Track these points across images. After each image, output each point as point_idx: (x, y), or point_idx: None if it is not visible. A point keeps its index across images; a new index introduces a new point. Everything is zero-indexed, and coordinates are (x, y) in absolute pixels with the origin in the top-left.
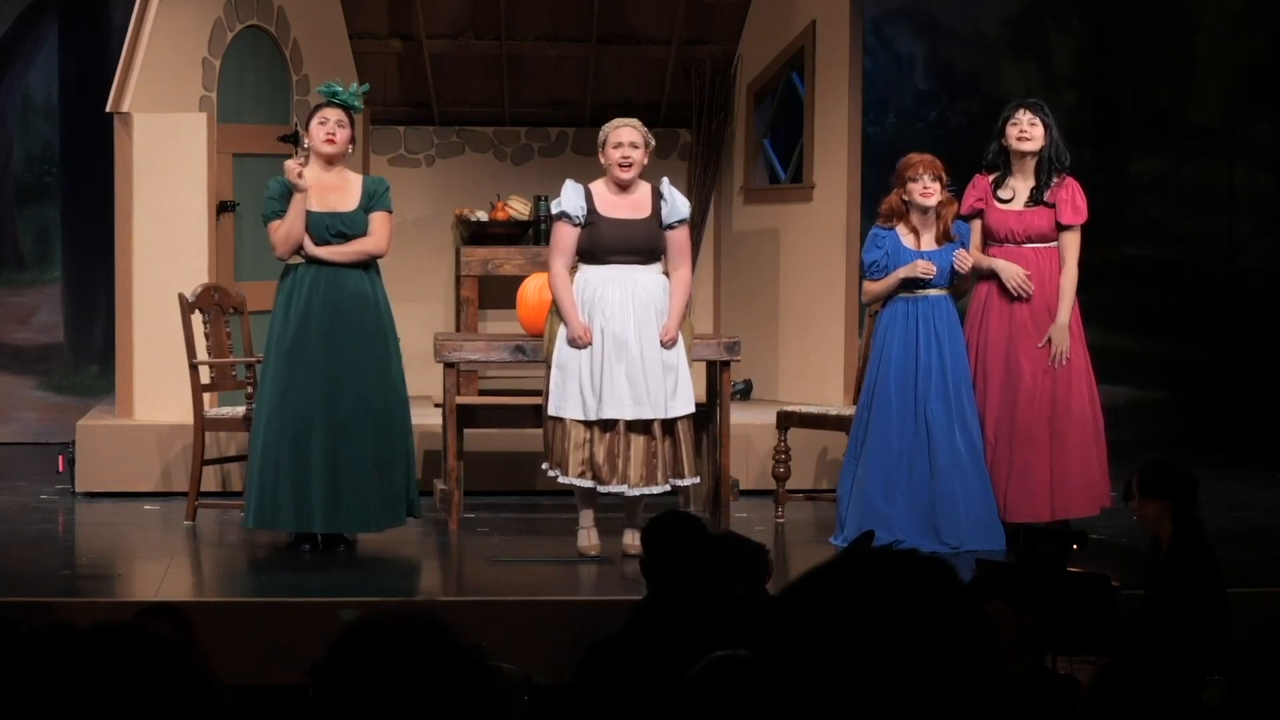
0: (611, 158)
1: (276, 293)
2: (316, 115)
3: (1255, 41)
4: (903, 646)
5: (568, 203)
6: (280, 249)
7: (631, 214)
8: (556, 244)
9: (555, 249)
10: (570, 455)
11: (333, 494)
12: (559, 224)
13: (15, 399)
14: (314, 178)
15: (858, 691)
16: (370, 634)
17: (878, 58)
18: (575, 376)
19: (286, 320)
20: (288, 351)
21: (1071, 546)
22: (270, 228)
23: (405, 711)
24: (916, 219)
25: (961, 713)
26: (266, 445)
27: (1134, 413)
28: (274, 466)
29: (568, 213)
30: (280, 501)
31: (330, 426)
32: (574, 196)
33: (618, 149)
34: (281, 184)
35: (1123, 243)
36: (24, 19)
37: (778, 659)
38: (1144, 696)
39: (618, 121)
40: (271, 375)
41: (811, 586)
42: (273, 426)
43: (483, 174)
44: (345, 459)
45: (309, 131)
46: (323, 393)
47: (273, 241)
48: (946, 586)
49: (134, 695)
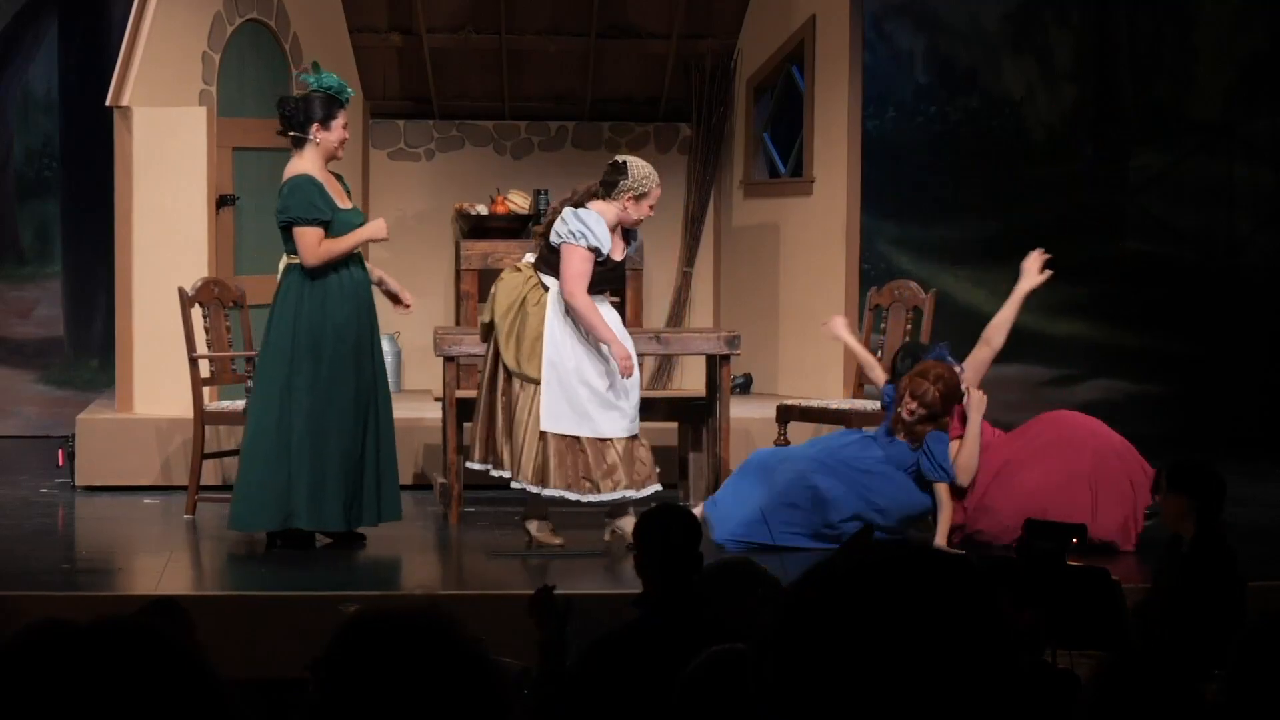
0: (643, 211)
1: (293, 289)
2: (340, 117)
3: (1255, 37)
4: (919, 641)
5: (602, 238)
6: (311, 260)
7: (620, 255)
8: (583, 273)
9: (582, 278)
10: (650, 466)
11: (376, 489)
12: (588, 255)
13: (15, 393)
14: (324, 177)
15: (872, 686)
16: (371, 628)
17: (878, 52)
18: (623, 394)
19: (324, 320)
20: (331, 350)
21: (1071, 540)
22: (309, 233)
23: (406, 706)
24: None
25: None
26: (314, 445)
27: (1132, 407)
28: (320, 465)
29: (600, 249)
30: (328, 499)
31: (371, 422)
32: (606, 234)
33: (652, 208)
34: (320, 186)
35: (1122, 238)
36: (24, 14)
37: (790, 654)
38: (1144, 692)
39: (656, 177)
40: (314, 374)
41: (824, 582)
42: (325, 425)
43: (482, 168)
44: (385, 453)
45: (327, 128)
46: (364, 388)
47: (307, 243)
48: (962, 581)
49: (134, 690)
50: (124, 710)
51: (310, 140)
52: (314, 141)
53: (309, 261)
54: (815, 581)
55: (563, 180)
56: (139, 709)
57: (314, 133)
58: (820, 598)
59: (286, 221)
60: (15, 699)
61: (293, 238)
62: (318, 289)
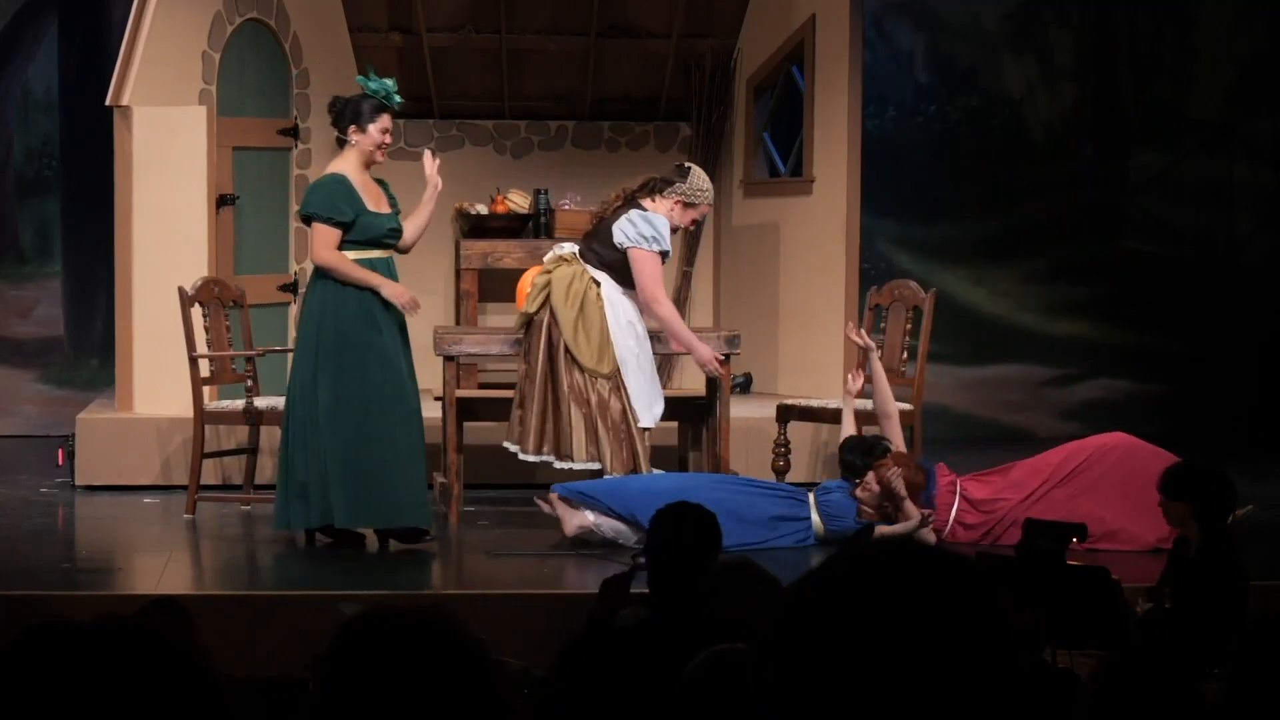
0: (686, 220)
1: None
2: (379, 120)
3: (1255, 37)
4: (920, 641)
5: (668, 242)
6: (318, 257)
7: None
8: (661, 278)
9: (661, 283)
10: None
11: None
12: (660, 258)
13: (15, 392)
14: (361, 180)
15: (872, 686)
16: (371, 628)
17: (877, 52)
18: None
19: (361, 319)
20: (367, 349)
21: (1071, 540)
22: (324, 230)
23: (406, 706)
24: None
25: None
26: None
27: (1132, 407)
28: (355, 463)
29: (667, 253)
30: (372, 497)
31: (399, 424)
32: (669, 237)
33: (695, 222)
34: (347, 187)
35: (1122, 237)
36: (24, 13)
37: (790, 654)
38: (1144, 692)
39: (711, 196)
40: (338, 373)
41: (824, 582)
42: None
43: (482, 167)
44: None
45: (363, 130)
46: (400, 387)
47: (319, 239)
48: (963, 581)
49: (135, 690)
50: (124, 710)
51: (349, 141)
52: (351, 143)
53: (315, 257)
54: (815, 581)
55: (563, 180)
56: (139, 709)
57: (352, 134)
58: (820, 598)
59: (304, 215)
60: (16, 699)
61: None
62: (348, 290)
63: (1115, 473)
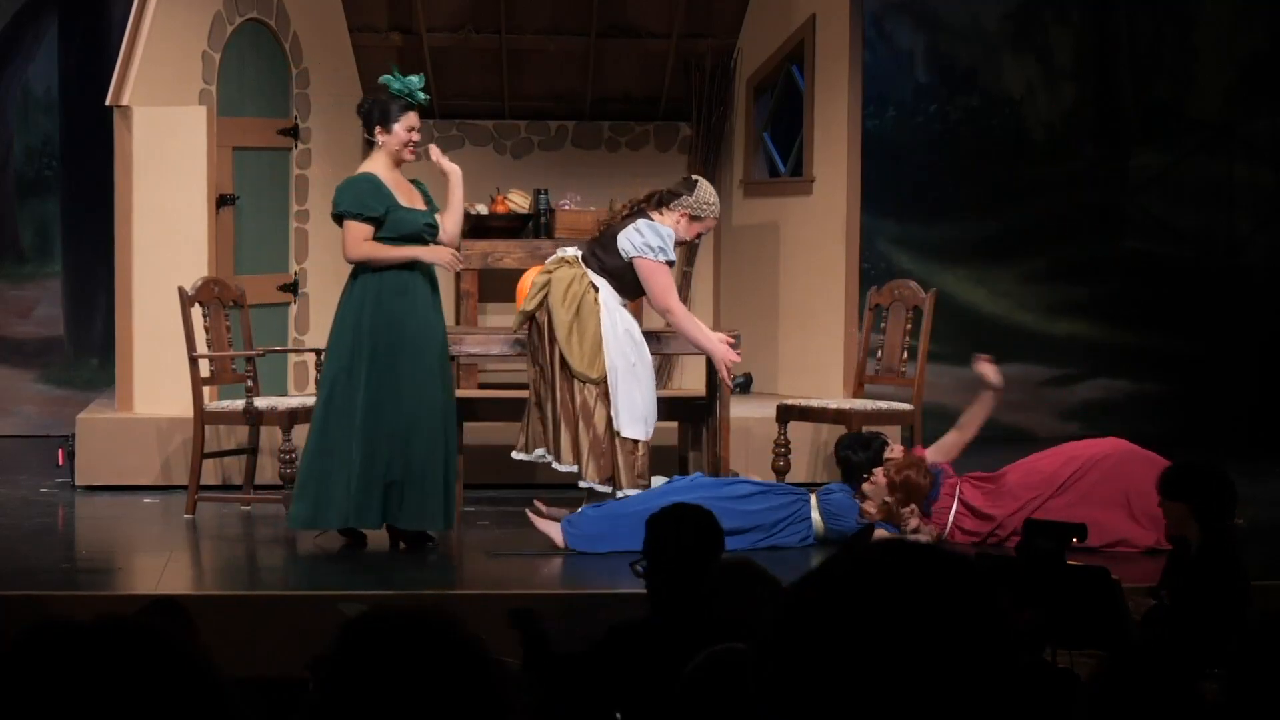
0: (691, 233)
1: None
2: (405, 119)
3: (1255, 37)
4: (920, 641)
5: (674, 253)
6: (350, 254)
7: None
8: (672, 287)
9: (672, 292)
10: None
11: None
12: (669, 269)
13: (15, 392)
14: (393, 179)
15: (872, 686)
16: (371, 628)
17: (878, 51)
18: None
19: (393, 317)
20: (400, 349)
21: (1072, 539)
22: (355, 227)
23: (406, 706)
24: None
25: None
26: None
27: (1132, 407)
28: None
29: (673, 261)
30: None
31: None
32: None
33: (699, 235)
34: (375, 184)
35: (1122, 237)
36: (24, 13)
37: (790, 654)
38: (1144, 692)
39: (718, 210)
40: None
41: (824, 582)
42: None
43: (482, 167)
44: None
45: (388, 130)
46: (429, 386)
47: (351, 237)
48: (963, 581)
49: (135, 690)
50: (124, 710)
51: (377, 142)
52: (379, 144)
53: (348, 255)
54: (815, 581)
55: (563, 180)
56: (140, 709)
57: (379, 135)
58: (820, 598)
59: (335, 215)
60: (16, 699)
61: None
62: (384, 293)
63: (1110, 480)
